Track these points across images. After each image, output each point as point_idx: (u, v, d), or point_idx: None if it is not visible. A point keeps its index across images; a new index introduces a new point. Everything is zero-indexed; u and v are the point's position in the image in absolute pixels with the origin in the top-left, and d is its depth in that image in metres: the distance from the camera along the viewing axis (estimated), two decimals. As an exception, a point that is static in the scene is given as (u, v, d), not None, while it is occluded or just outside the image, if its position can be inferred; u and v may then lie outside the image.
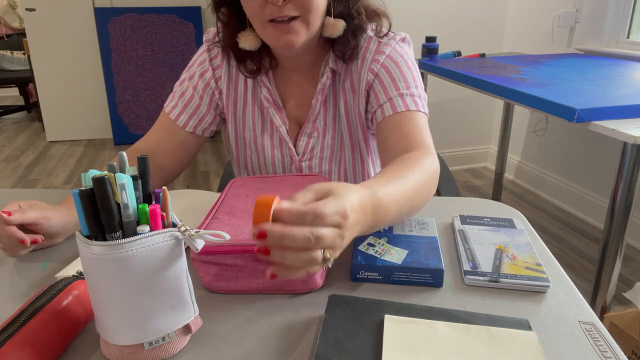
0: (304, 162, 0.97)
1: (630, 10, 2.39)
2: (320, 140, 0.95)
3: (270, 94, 0.93)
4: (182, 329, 0.51)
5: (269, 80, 0.93)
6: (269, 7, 0.76)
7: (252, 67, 0.91)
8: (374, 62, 0.89)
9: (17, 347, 0.45)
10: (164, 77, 3.95)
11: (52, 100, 3.96)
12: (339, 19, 0.85)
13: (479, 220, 0.77)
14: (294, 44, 0.80)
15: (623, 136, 1.29)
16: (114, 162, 0.48)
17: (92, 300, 0.49)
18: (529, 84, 1.67)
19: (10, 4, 4.81)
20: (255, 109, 0.96)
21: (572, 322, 0.56)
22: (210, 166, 3.48)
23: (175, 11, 3.85)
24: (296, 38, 0.79)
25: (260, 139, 0.97)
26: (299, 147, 0.96)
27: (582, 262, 2.23)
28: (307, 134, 0.95)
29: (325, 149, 0.96)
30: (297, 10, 0.77)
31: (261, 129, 0.97)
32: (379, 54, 0.89)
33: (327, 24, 0.85)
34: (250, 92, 0.95)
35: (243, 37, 0.86)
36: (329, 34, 0.86)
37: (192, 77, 0.95)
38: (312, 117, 0.94)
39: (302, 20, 0.79)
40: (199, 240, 0.49)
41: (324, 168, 0.97)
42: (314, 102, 0.92)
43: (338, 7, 0.86)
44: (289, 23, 0.78)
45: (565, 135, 2.71)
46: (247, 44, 0.86)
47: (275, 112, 0.94)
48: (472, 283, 0.63)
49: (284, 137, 0.95)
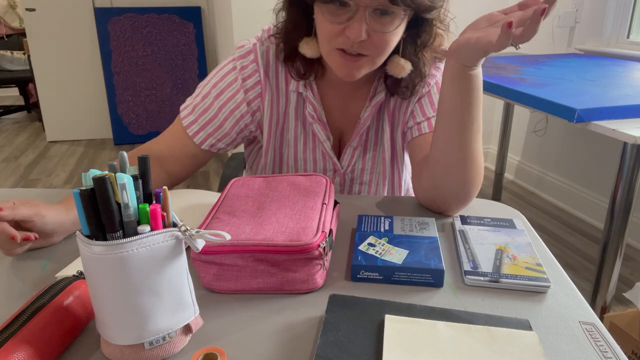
0: (347, 174, 0.97)
1: (630, 10, 2.39)
2: (362, 151, 0.96)
3: (315, 111, 0.92)
4: (183, 328, 0.51)
5: (313, 95, 0.91)
6: (343, 38, 0.76)
7: (301, 71, 0.89)
8: (431, 76, 0.91)
9: (18, 346, 0.45)
10: (164, 77, 3.95)
11: (52, 100, 3.96)
12: (408, 62, 0.85)
13: (480, 221, 0.77)
14: (354, 77, 0.81)
15: (623, 136, 1.29)
16: (114, 162, 0.48)
17: (93, 300, 0.49)
18: (529, 84, 1.67)
19: (10, 4, 4.81)
20: (298, 124, 0.94)
21: (572, 322, 0.56)
22: (210, 166, 3.48)
23: (175, 11, 3.85)
24: (357, 73, 0.81)
25: (301, 154, 0.95)
26: (343, 160, 0.96)
27: (582, 262, 2.23)
28: (352, 147, 0.95)
29: (367, 160, 0.96)
30: (368, 51, 0.78)
31: (303, 144, 0.95)
32: (435, 69, 0.91)
33: (394, 63, 0.85)
34: (293, 107, 0.93)
35: (306, 43, 0.84)
36: (393, 73, 0.86)
37: (219, 96, 0.90)
38: (361, 130, 0.93)
39: (369, 59, 0.79)
40: (200, 240, 0.49)
41: (365, 179, 0.98)
42: (366, 115, 0.92)
43: (408, 50, 0.86)
44: (357, 58, 0.78)
45: (565, 135, 2.71)
46: (308, 51, 0.84)
47: (320, 127, 0.93)
48: (473, 283, 0.63)
49: (327, 151, 0.94)
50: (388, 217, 0.76)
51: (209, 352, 0.49)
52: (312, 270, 0.60)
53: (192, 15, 3.89)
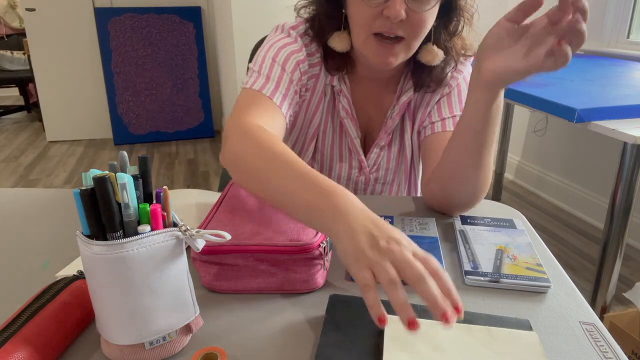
0: (372, 173, 0.97)
1: (630, 10, 2.39)
2: (387, 151, 0.96)
3: (349, 104, 0.92)
4: (183, 328, 0.51)
5: (347, 89, 0.91)
6: (380, 20, 0.76)
7: (335, 64, 0.89)
8: (453, 79, 0.91)
9: (18, 346, 0.45)
10: (164, 77, 3.95)
11: (52, 100, 3.96)
12: (440, 50, 0.85)
13: (480, 221, 0.77)
14: (391, 65, 0.80)
15: (623, 136, 1.29)
16: (114, 162, 0.48)
17: (93, 300, 0.49)
18: (529, 84, 1.67)
19: (10, 4, 4.81)
20: (329, 118, 0.94)
21: (572, 322, 0.56)
22: (210, 166, 3.48)
23: (175, 11, 3.85)
24: (394, 60, 0.80)
25: (329, 150, 0.95)
26: (369, 159, 0.96)
27: (582, 262, 2.23)
28: (379, 146, 0.95)
29: (391, 160, 0.96)
30: (406, 32, 0.77)
31: (331, 140, 0.95)
32: (457, 71, 0.91)
33: (427, 50, 0.85)
34: (328, 101, 0.92)
35: (337, 36, 0.84)
36: (426, 60, 0.85)
37: (285, 63, 0.84)
38: (389, 129, 0.93)
39: (405, 43, 0.79)
40: (200, 240, 0.49)
41: (388, 179, 0.98)
42: (395, 114, 0.92)
43: (440, 37, 0.86)
44: (393, 44, 0.78)
45: (565, 135, 2.71)
46: (338, 44, 0.84)
47: (351, 123, 0.93)
48: (473, 283, 0.63)
49: (357, 148, 0.94)
50: (388, 217, 0.76)
51: (209, 352, 0.49)
52: (313, 270, 0.60)
53: (192, 15, 3.89)
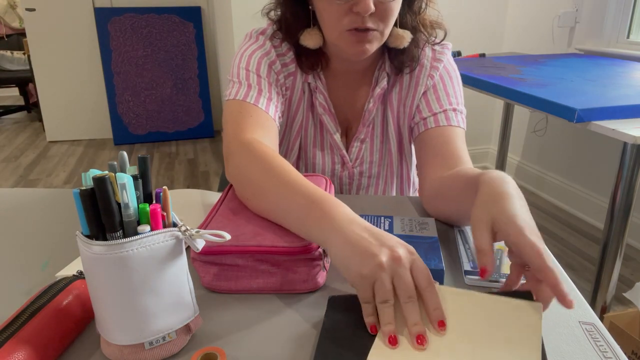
0: (355, 167, 0.97)
1: (630, 10, 2.39)
2: (369, 144, 0.96)
3: (326, 100, 0.92)
4: (183, 328, 0.51)
5: (323, 85, 0.92)
6: (351, 17, 0.77)
7: (309, 62, 0.90)
8: (433, 68, 0.91)
9: (18, 346, 0.45)
10: (164, 77, 3.95)
11: (52, 100, 3.96)
12: (407, 31, 0.86)
13: (479, 220, 0.77)
14: (367, 52, 0.81)
15: (623, 136, 1.29)
16: (114, 162, 0.48)
17: (93, 300, 0.49)
18: (529, 84, 1.67)
19: (10, 4, 4.81)
20: (309, 115, 0.94)
21: (572, 322, 0.56)
22: (210, 166, 3.48)
23: (175, 11, 3.85)
24: (370, 47, 0.81)
25: (311, 147, 0.96)
26: (351, 153, 0.96)
27: (582, 262, 2.23)
28: (359, 140, 0.95)
29: (374, 152, 0.96)
30: (376, 24, 0.79)
31: (313, 136, 0.95)
32: (436, 61, 0.91)
33: (395, 35, 0.86)
34: (307, 98, 0.93)
35: (308, 34, 0.85)
36: (395, 45, 0.86)
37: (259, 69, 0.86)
38: (367, 122, 0.94)
39: (378, 32, 0.80)
40: (200, 240, 0.49)
41: (373, 172, 0.98)
42: (371, 106, 0.92)
43: (405, 19, 0.87)
44: (367, 32, 0.79)
45: (565, 135, 2.71)
46: (310, 42, 0.85)
47: (330, 118, 0.93)
48: (473, 283, 0.63)
49: (337, 143, 0.95)
50: (388, 217, 0.76)
51: (209, 352, 0.49)
52: (313, 270, 0.60)
53: (192, 15, 3.89)
